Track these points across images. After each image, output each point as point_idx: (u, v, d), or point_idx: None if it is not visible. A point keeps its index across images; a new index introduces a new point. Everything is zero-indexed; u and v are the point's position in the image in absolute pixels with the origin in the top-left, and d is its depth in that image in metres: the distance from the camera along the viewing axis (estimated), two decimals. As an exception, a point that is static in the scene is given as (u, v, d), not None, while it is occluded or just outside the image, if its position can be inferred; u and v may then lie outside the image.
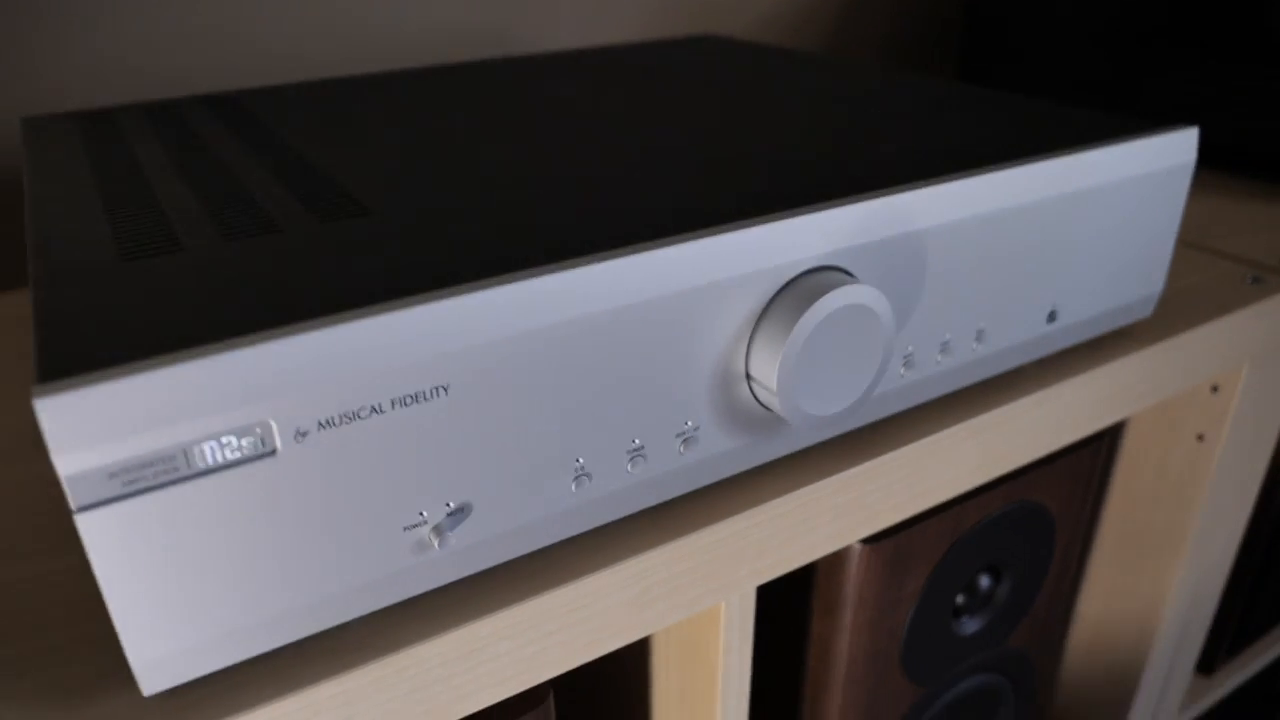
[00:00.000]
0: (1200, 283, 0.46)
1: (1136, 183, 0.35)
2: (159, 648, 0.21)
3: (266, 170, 0.32)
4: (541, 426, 0.24)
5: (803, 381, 0.27)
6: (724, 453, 0.29)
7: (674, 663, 0.36)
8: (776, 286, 0.27)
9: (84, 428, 0.19)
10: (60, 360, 0.19)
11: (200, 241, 0.26)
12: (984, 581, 0.44)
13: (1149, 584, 0.55)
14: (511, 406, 0.24)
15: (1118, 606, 0.57)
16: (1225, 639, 0.67)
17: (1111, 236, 0.35)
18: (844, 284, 0.27)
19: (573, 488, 0.26)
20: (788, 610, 0.41)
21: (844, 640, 0.39)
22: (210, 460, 0.20)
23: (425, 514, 0.24)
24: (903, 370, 0.32)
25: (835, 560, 0.37)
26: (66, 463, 0.19)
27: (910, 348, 0.31)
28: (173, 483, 0.20)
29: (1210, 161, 0.64)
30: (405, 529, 0.23)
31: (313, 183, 0.30)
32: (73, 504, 0.19)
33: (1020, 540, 0.43)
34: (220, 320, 0.21)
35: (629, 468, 0.27)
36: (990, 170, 0.30)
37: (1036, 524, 0.43)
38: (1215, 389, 0.48)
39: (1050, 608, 0.48)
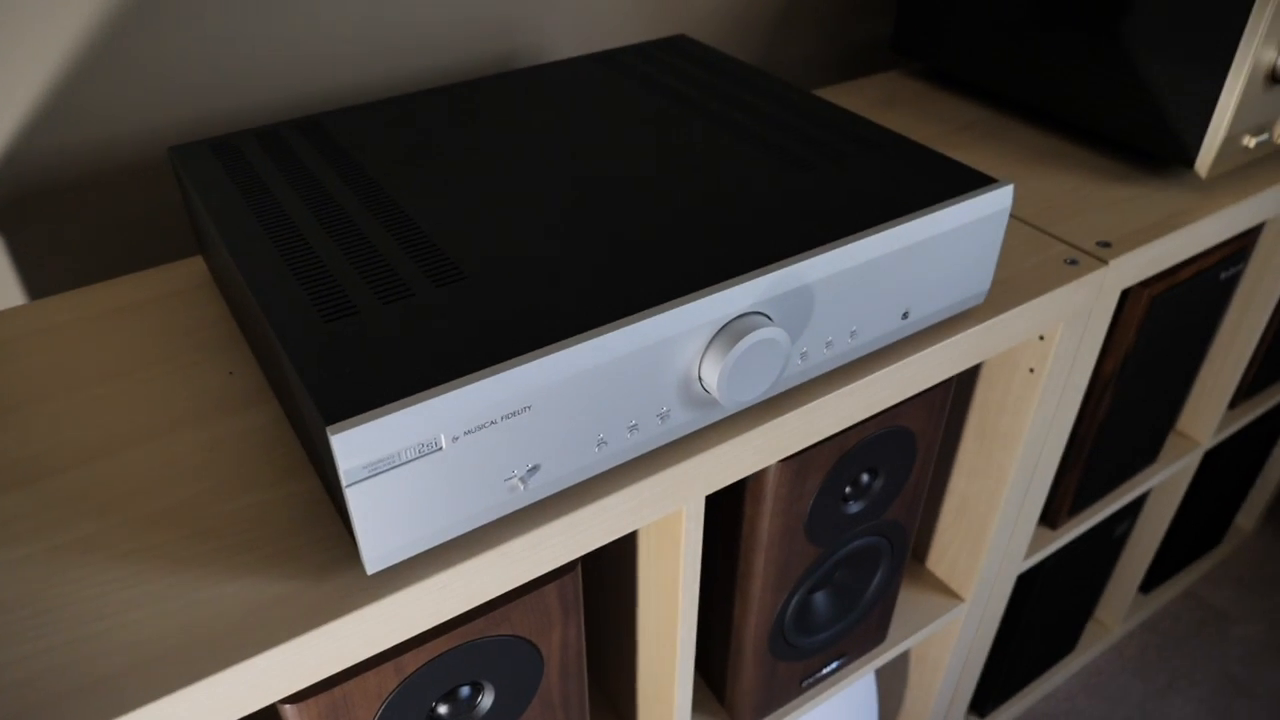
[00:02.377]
0: (1033, 266, 0.63)
1: (968, 227, 0.52)
2: (377, 548, 0.40)
3: (380, 224, 0.48)
4: (581, 422, 0.42)
5: (733, 382, 0.45)
6: (685, 421, 0.47)
7: (653, 544, 0.55)
8: (718, 327, 0.44)
9: (353, 446, 0.36)
10: (333, 410, 0.36)
11: (367, 306, 0.42)
12: (865, 478, 0.63)
13: (997, 467, 0.75)
14: (565, 412, 0.41)
15: (976, 483, 0.78)
16: (1066, 502, 0.88)
17: (949, 262, 0.52)
18: (759, 326, 0.44)
19: (596, 450, 0.44)
20: (731, 501, 0.60)
21: (765, 519, 0.58)
22: (409, 456, 0.38)
23: (515, 471, 0.42)
24: (800, 361, 0.49)
25: (760, 472, 0.56)
26: (344, 462, 0.36)
27: (805, 348, 0.49)
28: (391, 469, 0.38)
29: (1090, 137, 0.80)
30: (504, 480, 0.41)
31: (417, 242, 0.46)
32: (344, 481, 0.37)
33: (890, 451, 0.62)
34: (404, 381, 0.38)
35: (628, 436, 0.45)
36: (856, 239, 0.47)
37: (902, 440, 0.62)
38: (1041, 337, 0.66)
39: (915, 491, 0.68)
